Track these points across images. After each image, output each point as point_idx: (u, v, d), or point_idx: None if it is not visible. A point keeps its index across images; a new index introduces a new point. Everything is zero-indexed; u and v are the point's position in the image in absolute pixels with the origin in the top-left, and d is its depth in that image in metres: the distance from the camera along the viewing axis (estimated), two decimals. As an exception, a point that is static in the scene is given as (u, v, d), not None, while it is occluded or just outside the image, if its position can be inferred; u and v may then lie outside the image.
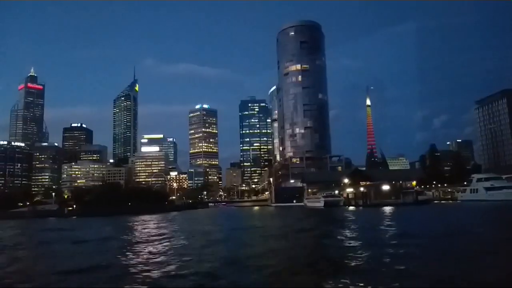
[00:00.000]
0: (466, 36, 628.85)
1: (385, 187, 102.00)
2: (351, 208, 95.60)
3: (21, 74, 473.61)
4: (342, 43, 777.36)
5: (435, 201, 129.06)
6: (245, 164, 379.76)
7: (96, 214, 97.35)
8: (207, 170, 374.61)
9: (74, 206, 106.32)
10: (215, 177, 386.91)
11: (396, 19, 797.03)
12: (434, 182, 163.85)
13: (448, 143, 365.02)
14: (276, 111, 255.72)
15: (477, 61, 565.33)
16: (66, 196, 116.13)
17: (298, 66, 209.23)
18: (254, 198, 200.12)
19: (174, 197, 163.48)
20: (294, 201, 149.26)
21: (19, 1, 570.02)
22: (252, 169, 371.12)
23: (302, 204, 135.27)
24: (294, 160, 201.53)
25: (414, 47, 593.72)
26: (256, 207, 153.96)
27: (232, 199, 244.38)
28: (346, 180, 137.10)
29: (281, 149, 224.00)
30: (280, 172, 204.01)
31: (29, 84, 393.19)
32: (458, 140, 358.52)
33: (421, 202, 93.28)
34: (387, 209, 77.34)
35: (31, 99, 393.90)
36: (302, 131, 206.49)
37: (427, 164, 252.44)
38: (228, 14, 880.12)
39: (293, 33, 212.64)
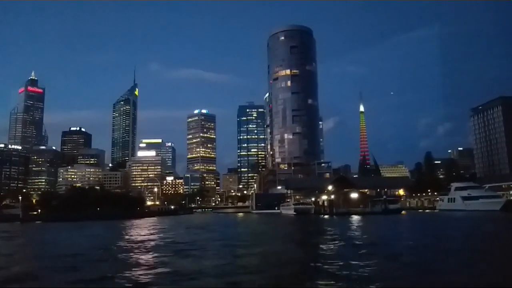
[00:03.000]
0: (472, 43, 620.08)
1: (354, 195, 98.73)
2: (321, 216, 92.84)
3: (21, 78, 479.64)
4: (346, 50, 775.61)
5: (419, 210, 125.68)
6: (242, 169, 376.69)
7: (62, 219, 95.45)
8: (204, 175, 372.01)
9: (39, 210, 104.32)
10: (213, 183, 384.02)
11: (400, 28, 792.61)
12: (429, 190, 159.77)
13: (449, 151, 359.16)
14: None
15: (484, 68, 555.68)
16: (34, 201, 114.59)
17: (288, 71, 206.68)
18: (240, 204, 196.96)
19: (153, 203, 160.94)
20: (276, 208, 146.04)
21: (20, 3, 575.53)
22: (249, 174, 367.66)
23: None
24: (282, 166, 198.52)
25: (420, 54, 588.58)
26: (241, 214, 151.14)
27: (225, 205, 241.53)
28: (330, 187, 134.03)
29: (271, 154, 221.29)
30: (267, 179, 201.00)
31: (29, 88, 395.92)
32: (459, 148, 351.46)
33: (391, 211, 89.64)
34: (353, 218, 74.34)
35: (31, 102, 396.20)
36: (291, 136, 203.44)
37: (423, 171, 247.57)
38: (230, 20, 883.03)
39: (283, 37, 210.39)
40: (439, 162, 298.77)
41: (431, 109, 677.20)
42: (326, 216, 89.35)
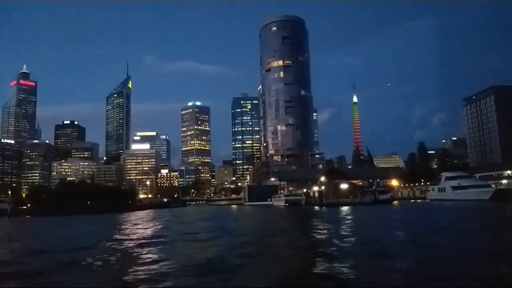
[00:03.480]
0: (468, 34, 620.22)
1: (344, 186, 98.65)
2: (310, 207, 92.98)
3: (13, 71, 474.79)
4: (342, 42, 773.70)
5: (411, 200, 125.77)
6: (237, 162, 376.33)
7: (51, 213, 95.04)
8: (199, 168, 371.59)
9: (29, 205, 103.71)
10: (208, 175, 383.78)
11: (396, 19, 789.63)
12: (422, 180, 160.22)
13: (443, 141, 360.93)
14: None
15: (479, 59, 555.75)
16: (24, 195, 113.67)
17: (280, 62, 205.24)
18: (234, 196, 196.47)
19: (146, 196, 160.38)
20: (269, 200, 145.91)
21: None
22: (244, 167, 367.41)
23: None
24: (275, 158, 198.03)
25: (415, 45, 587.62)
26: (234, 206, 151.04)
27: (219, 197, 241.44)
28: (322, 178, 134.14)
29: (264, 146, 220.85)
30: (260, 170, 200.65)
31: (22, 81, 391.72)
32: (453, 138, 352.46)
33: (381, 202, 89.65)
34: (341, 209, 74.18)
35: (23, 96, 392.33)
36: (284, 128, 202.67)
37: (416, 162, 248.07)
38: (224, 11, 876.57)
39: (275, 28, 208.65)
40: (433, 152, 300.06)
41: (427, 99, 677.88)
42: (316, 208, 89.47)
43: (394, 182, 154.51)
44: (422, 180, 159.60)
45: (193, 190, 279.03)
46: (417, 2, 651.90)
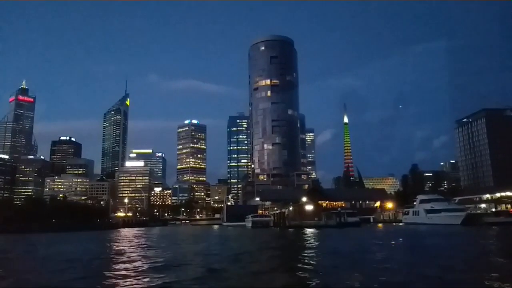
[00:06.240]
0: (470, 57, 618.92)
1: (308, 208, 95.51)
2: (274, 229, 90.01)
3: (12, 87, 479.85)
4: (345, 65, 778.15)
5: (390, 223, 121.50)
6: (232, 180, 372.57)
7: (12, 231, 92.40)
8: (193, 186, 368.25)
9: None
10: (202, 194, 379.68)
11: (399, 42, 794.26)
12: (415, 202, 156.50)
13: (441, 163, 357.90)
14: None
15: (481, 82, 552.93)
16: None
17: (268, 81, 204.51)
18: (217, 216, 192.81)
19: (125, 214, 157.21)
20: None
21: (11, 12, 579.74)
22: (239, 186, 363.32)
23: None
24: (261, 177, 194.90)
25: (416, 68, 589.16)
26: (216, 226, 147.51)
27: (201, 217, 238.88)
28: (304, 199, 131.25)
29: (251, 165, 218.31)
30: (246, 190, 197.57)
31: (20, 97, 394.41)
32: (451, 161, 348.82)
33: (348, 225, 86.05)
34: (308, 231, 70.94)
35: (21, 111, 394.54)
36: (270, 147, 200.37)
37: (409, 184, 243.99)
38: (226, 29, 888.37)
39: (263, 48, 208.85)
40: (430, 174, 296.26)
41: (427, 121, 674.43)
42: (278, 229, 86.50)
43: (389, 204, 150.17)
44: (414, 202, 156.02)
45: (183, 209, 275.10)
46: (416, 28, 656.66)
